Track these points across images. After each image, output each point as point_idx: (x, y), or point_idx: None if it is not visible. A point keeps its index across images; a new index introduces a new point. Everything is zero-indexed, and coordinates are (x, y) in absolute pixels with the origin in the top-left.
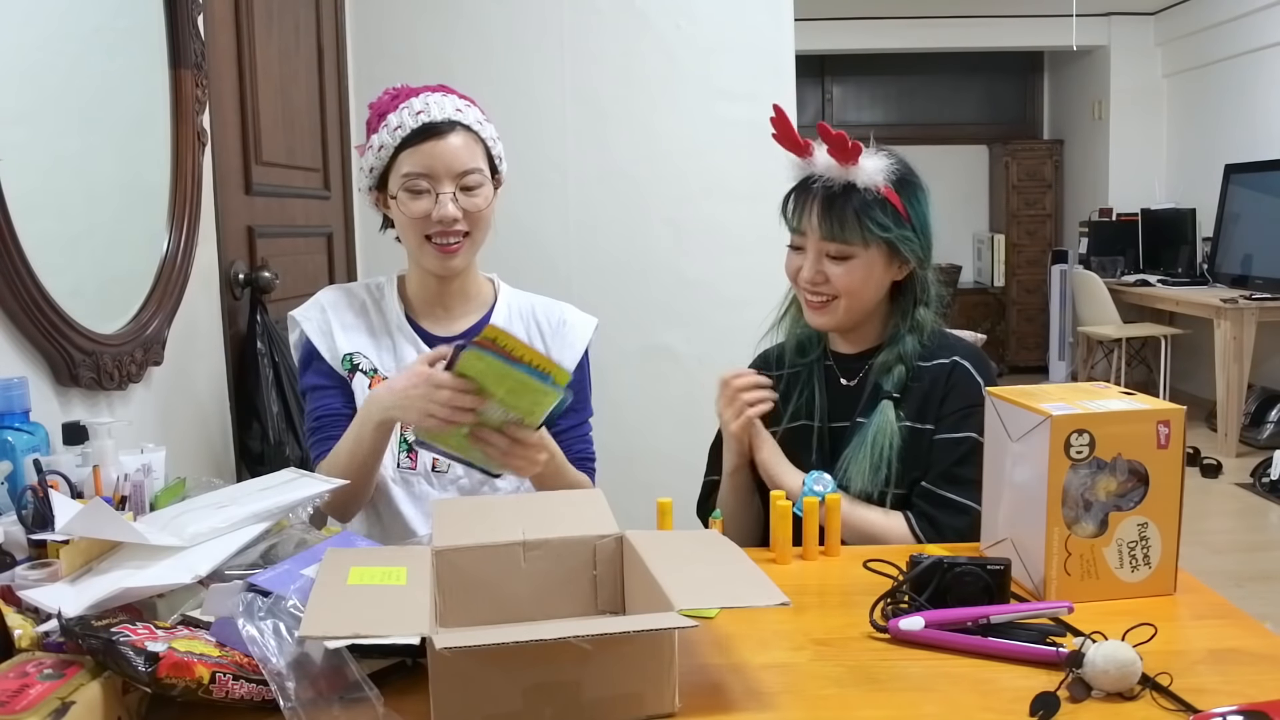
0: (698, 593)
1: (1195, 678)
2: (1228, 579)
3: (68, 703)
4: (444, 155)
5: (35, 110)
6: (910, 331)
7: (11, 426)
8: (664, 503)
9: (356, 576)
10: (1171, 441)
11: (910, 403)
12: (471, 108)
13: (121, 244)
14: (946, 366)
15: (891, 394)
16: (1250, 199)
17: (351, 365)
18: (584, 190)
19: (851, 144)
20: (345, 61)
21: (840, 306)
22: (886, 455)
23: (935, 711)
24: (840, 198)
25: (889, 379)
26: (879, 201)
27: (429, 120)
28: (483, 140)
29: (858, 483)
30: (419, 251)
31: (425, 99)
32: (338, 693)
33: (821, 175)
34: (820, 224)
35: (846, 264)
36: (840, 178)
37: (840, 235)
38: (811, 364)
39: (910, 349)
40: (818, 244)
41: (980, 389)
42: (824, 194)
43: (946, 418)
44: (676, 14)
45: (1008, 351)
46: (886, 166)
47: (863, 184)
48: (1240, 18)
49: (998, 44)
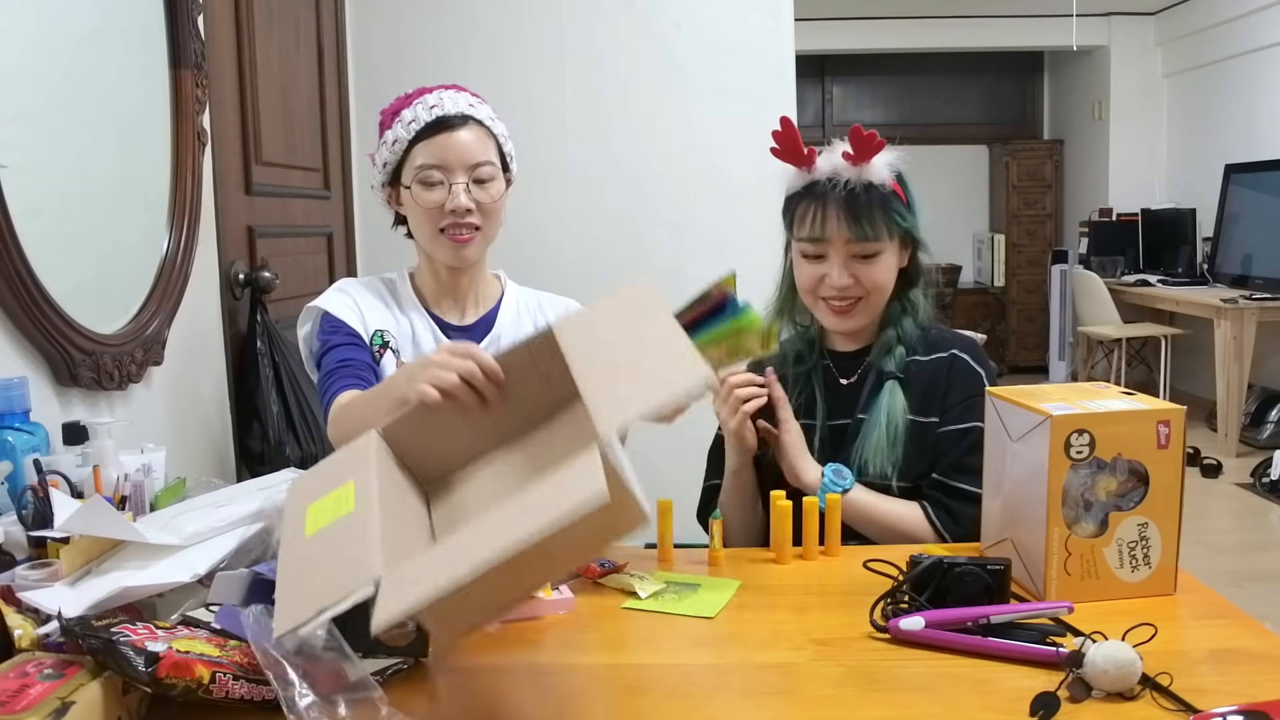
0: (622, 405)
1: (1195, 678)
2: (1228, 579)
3: (68, 703)
4: (457, 147)
5: (35, 110)
6: (905, 314)
7: (11, 426)
8: (664, 503)
9: (313, 519)
10: (1171, 441)
11: (911, 396)
12: (484, 105)
13: (121, 244)
14: (945, 360)
15: (895, 374)
16: (1250, 199)
17: (382, 341)
18: (584, 190)
19: (877, 142)
20: (345, 61)
21: (869, 305)
22: (900, 433)
23: (935, 711)
24: (862, 197)
25: (890, 360)
26: (893, 195)
27: (443, 114)
28: (495, 136)
29: (874, 465)
30: (433, 244)
31: (439, 95)
32: (341, 692)
33: (831, 179)
34: (848, 226)
35: (875, 261)
36: (857, 177)
37: (871, 234)
38: (809, 364)
39: (908, 329)
40: (844, 247)
41: (981, 379)
42: (846, 196)
43: (950, 410)
44: (676, 14)
45: (1008, 351)
46: (892, 160)
47: (878, 180)
48: (1240, 18)
49: (998, 44)
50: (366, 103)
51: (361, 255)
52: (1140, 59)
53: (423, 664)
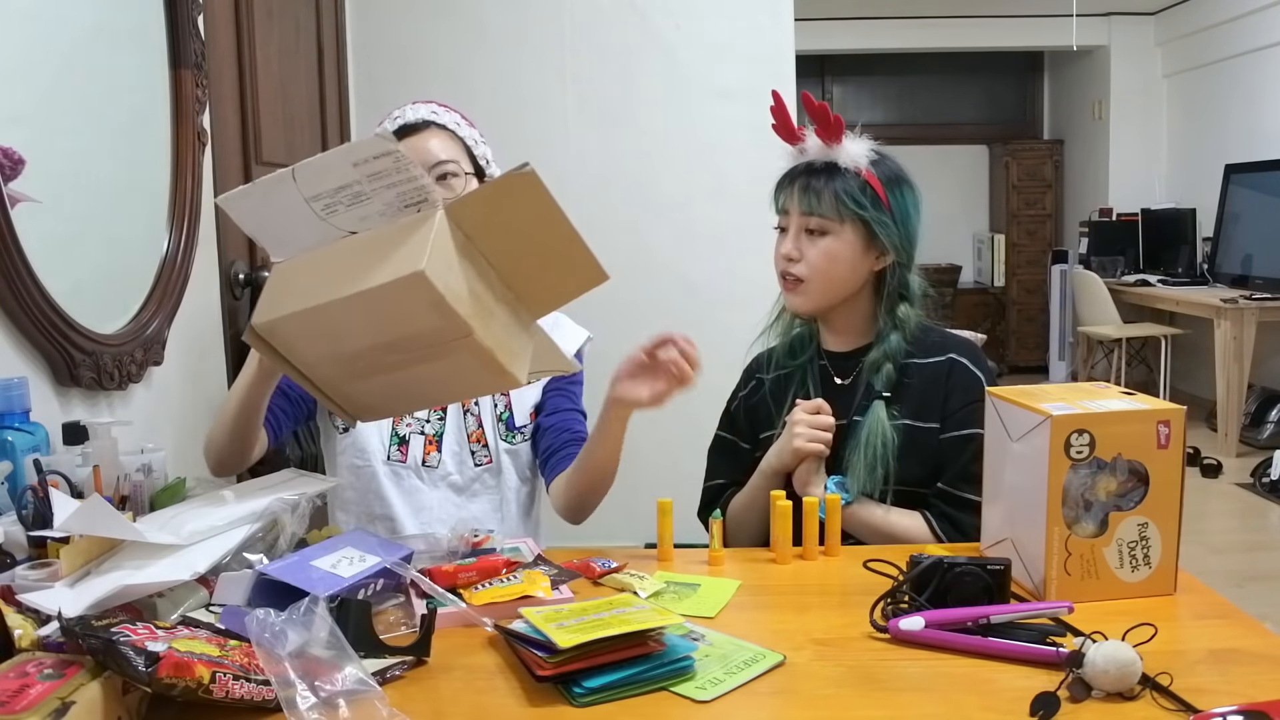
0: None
1: (1195, 678)
2: (1228, 579)
3: (68, 703)
4: (417, 149)
5: (35, 110)
6: (894, 329)
7: (11, 426)
8: (664, 502)
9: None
10: (1171, 441)
11: (908, 401)
12: (450, 112)
13: (121, 244)
14: (944, 364)
15: (881, 394)
16: (1250, 199)
17: None
18: (584, 190)
19: (834, 118)
20: (345, 61)
21: (812, 288)
22: (881, 455)
23: (935, 711)
24: (822, 174)
25: (878, 378)
26: (859, 183)
27: (404, 121)
28: (460, 138)
29: (858, 484)
30: None
31: (405, 108)
32: (341, 692)
33: (806, 155)
34: (799, 199)
35: (822, 240)
36: (824, 157)
37: (817, 208)
38: (805, 364)
39: (895, 346)
40: (798, 220)
41: (981, 384)
42: (806, 171)
43: (952, 416)
44: (676, 14)
45: (1008, 351)
46: (870, 151)
47: (845, 164)
48: (1240, 18)
49: (998, 44)
50: (366, 102)
51: None
52: (1140, 59)
53: (423, 664)
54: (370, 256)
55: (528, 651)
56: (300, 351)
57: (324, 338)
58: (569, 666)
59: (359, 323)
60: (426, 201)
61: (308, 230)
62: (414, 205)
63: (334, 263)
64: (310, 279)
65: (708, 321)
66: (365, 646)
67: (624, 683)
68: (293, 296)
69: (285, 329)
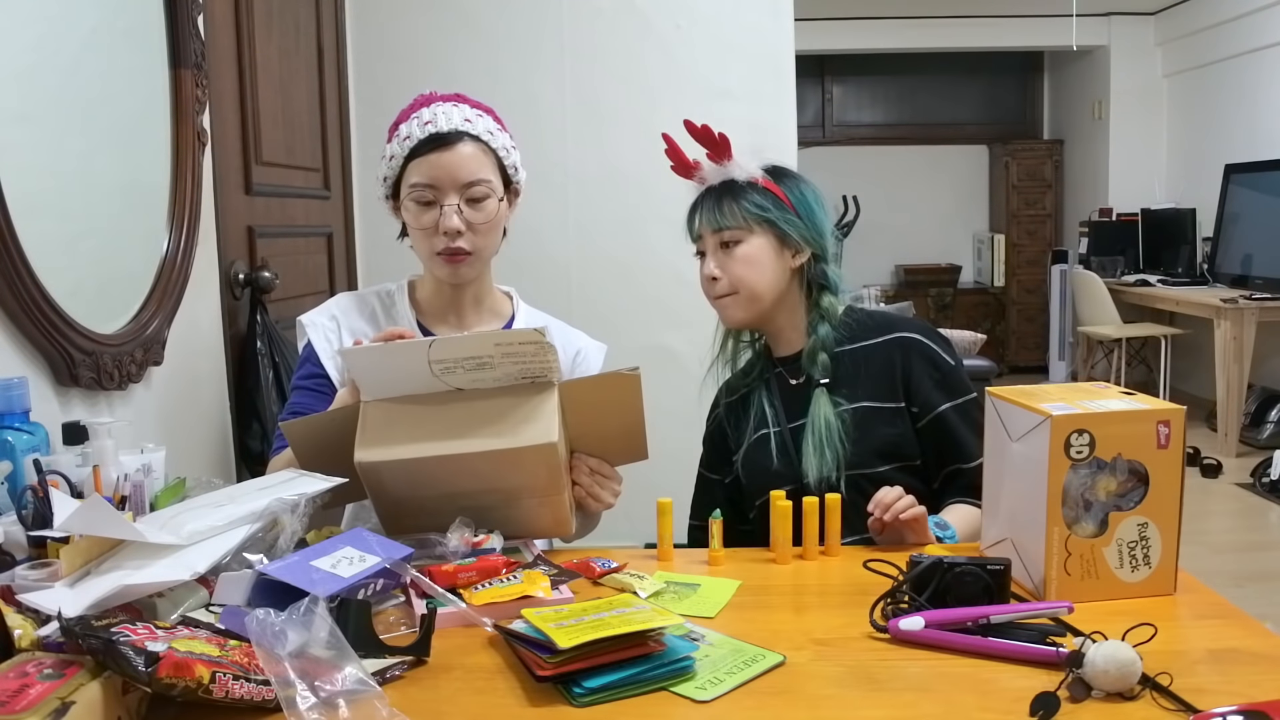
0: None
1: (1195, 678)
2: (1228, 579)
3: (68, 703)
4: (449, 166)
5: (35, 110)
6: (821, 320)
7: (11, 426)
8: (664, 502)
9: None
10: (1171, 441)
11: (861, 384)
12: (484, 118)
13: (121, 244)
14: (894, 342)
15: (819, 381)
16: (1250, 199)
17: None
18: (584, 190)
19: (719, 136)
20: (345, 61)
21: (741, 296)
22: (827, 439)
23: (935, 711)
24: (722, 192)
25: (816, 369)
26: (758, 190)
27: (436, 130)
28: (493, 150)
29: (813, 471)
30: (430, 261)
31: (435, 109)
32: (341, 692)
33: (708, 183)
34: (707, 219)
35: (737, 251)
36: (720, 176)
37: (725, 222)
38: (758, 377)
39: (824, 335)
40: (712, 239)
41: (941, 351)
42: (708, 194)
43: (934, 390)
44: (676, 14)
45: (1008, 351)
46: (758, 159)
47: (740, 177)
48: (1240, 18)
49: (998, 44)
50: (366, 102)
51: (361, 255)
52: (1140, 59)
53: (423, 664)
54: (498, 422)
55: (528, 651)
56: (392, 485)
57: (430, 479)
58: (569, 666)
59: (481, 471)
60: (544, 377)
61: (414, 382)
62: (531, 379)
63: (449, 418)
64: (419, 428)
65: (707, 322)
66: (365, 646)
67: (624, 683)
68: (403, 441)
69: (393, 470)
